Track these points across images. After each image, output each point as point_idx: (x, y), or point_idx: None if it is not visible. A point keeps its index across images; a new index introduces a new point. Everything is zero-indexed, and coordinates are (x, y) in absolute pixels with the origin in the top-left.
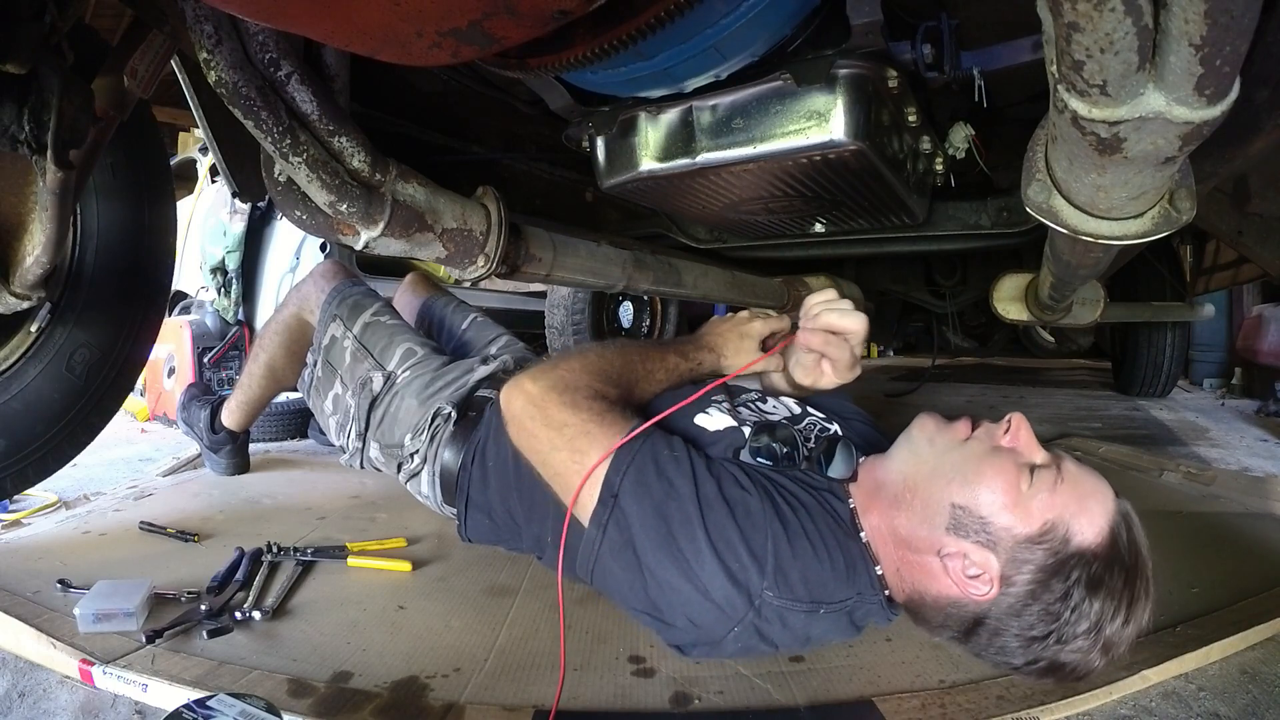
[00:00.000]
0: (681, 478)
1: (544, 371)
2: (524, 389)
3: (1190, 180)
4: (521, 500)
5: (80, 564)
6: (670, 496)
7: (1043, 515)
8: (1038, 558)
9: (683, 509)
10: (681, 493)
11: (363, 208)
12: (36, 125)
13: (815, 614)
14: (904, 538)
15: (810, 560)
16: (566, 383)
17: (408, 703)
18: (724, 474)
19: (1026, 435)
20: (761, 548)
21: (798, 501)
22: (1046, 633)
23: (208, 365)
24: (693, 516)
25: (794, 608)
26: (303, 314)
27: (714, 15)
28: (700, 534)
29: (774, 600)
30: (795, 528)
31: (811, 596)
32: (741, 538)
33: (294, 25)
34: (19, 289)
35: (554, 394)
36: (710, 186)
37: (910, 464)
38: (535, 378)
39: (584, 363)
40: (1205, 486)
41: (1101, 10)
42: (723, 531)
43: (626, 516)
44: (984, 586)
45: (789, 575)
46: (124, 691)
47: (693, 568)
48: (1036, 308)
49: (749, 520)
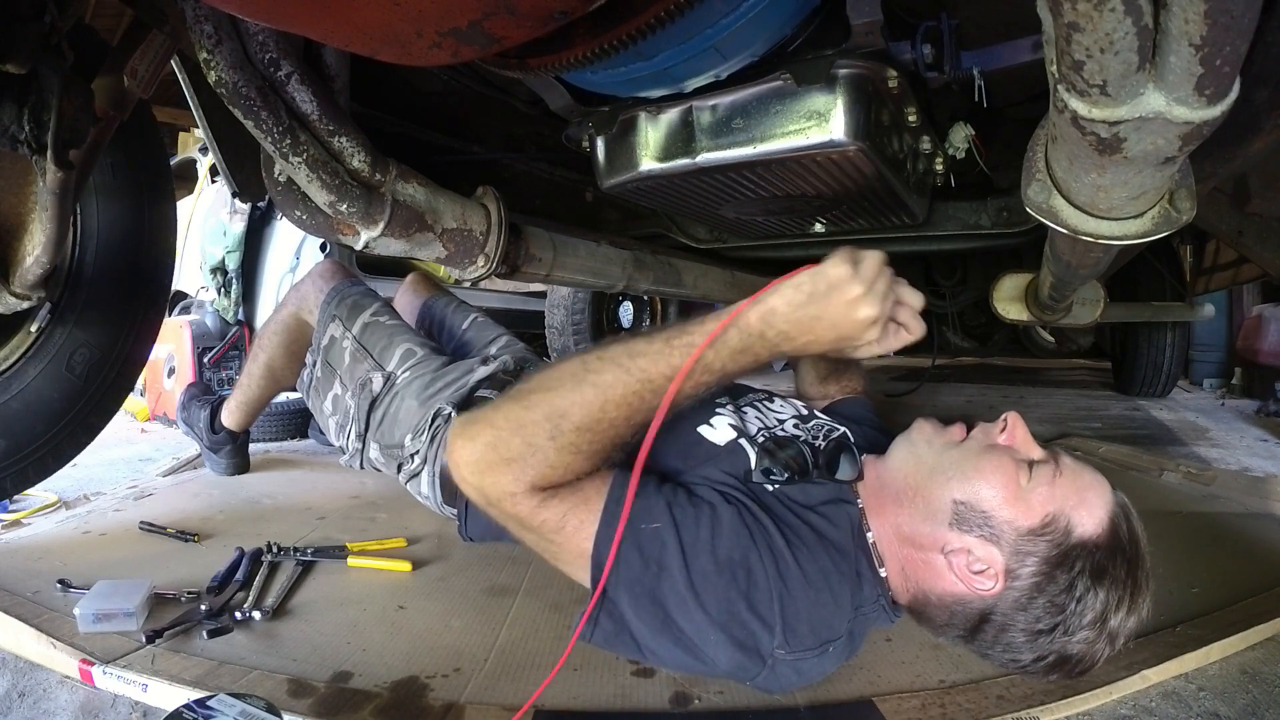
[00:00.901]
0: (670, 555)
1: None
2: (467, 479)
3: (1190, 180)
4: None
5: (80, 564)
6: (662, 579)
7: (1044, 508)
8: (1041, 550)
9: (677, 591)
10: (673, 574)
11: (363, 208)
12: (36, 125)
13: (825, 653)
14: (908, 536)
15: (815, 606)
16: (519, 469)
17: (408, 703)
18: (718, 525)
19: (1023, 433)
20: (768, 610)
21: (798, 538)
22: (1053, 625)
23: (208, 365)
24: (688, 599)
25: (806, 656)
26: (301, 314)
27: (714, 15)
28: (700, 614)
29: (786, 656)
30: (796, 578)
31: (819, 640)
32: (747, 605)
33: (294, 25)
34: (19, 289)
35: (507, 488)
36: (710, 186)
37: (910, 463)
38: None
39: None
40: (1205, 486)
41: (1101, 10)
42: (725, 605)
43: (619, 607)
44: (989, 581)
45: (798, 629)
46: (124, 691)
47: (698, 646)
48: (1036, 308)
49: (751, 584)
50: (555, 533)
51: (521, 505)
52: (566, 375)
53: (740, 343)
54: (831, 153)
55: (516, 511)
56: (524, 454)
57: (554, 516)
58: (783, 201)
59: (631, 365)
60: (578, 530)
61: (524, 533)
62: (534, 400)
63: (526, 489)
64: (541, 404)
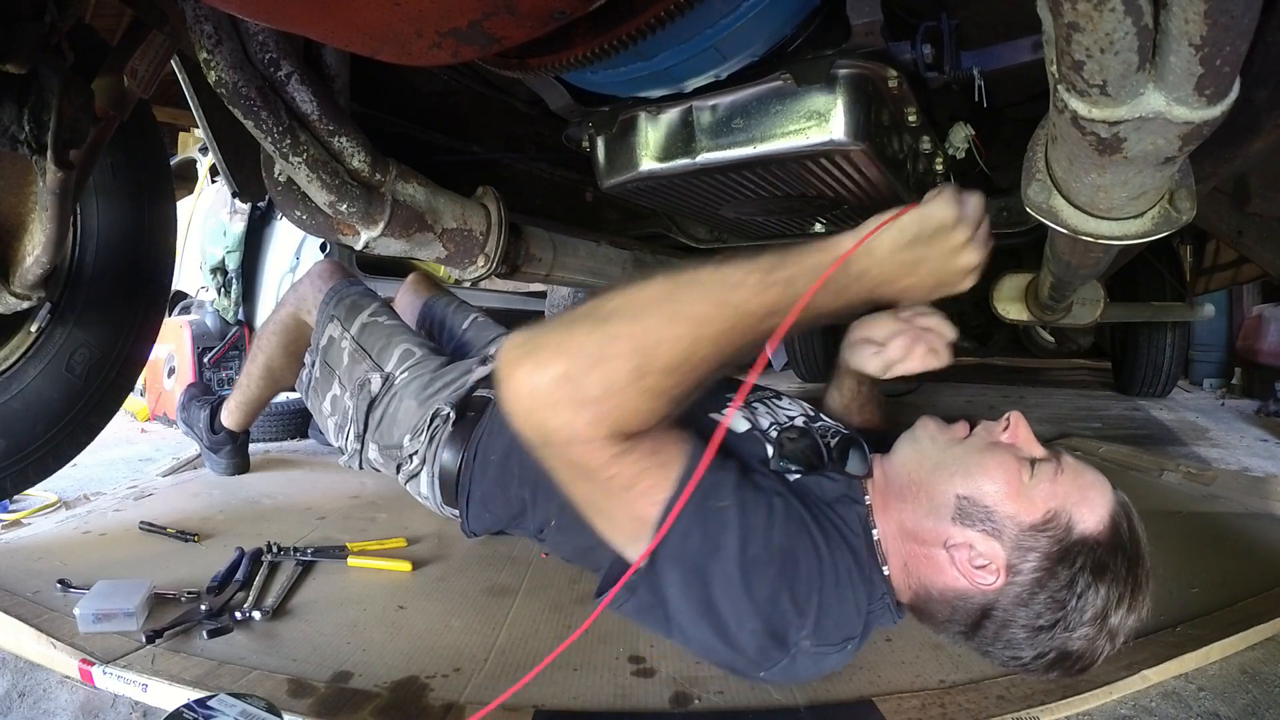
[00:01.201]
0: (729, 537)
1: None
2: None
3: (1190, 180)
4: (524, 486)
5: (80, 564)
6: (715, 559)
7: (1045, 504)
8: (1043, 545)
9: (726, 573)
10: (728, 556)
11: (363, 208)
12: (36, 125)
13: (844, 650)
14: (911, 531)
15: (842, 603)
16: (597, 412)
17: (408, 703)
18: (773, 513)
19: (1025, 432)
20: (806, 602)
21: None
22: (1054, 621)
23: (208, 365)
24: (736, 582)
25: (829, 651)
26: (300, 314)
27: (714, 15)
28: (744, 600)
29: (811, 649)
30: (830, 573)
31: (842, 636)
32: (790, 596)
33: (294, 25)
34: (19, 289)
35: (581, 432)
36: (710, 186)
37: (914, 459)
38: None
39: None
40: (1205, 486)
41: (1101, 10)
42: (770, 593)
43: (663, 580)
44: (990, 576)
45: (825, 624)
46: (124, 691)
47: (730, 630)
48: (1036, 308)
49: (796, 575)
50: (623, 490)
51: (595, 454)
52: (654, 302)
53: (839, 282)
54: (831, 153)
55: (586, 459)
56: (603, 395)
57: (628, 473)
58: (782, 201)
59: (730, 298)
60: (646, 494)
61: (580, 482)
62: (618, 330)
63: (605, 436)
64: (627, 335)
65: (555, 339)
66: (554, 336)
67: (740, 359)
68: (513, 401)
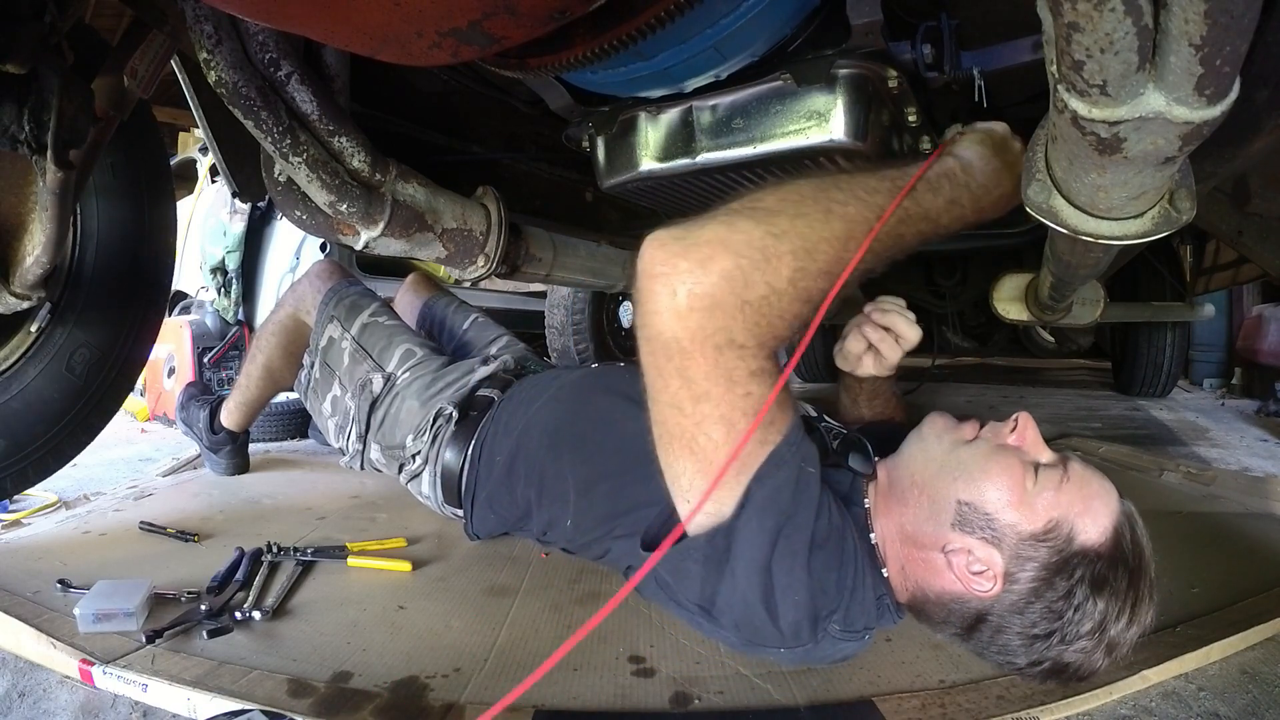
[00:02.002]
0: (806, 507)
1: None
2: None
3: (1190, 180)
4: (530, 485)
5: (80, 564)
6: (789, 524)
7: (1047, 513)
8: (1041, 555)
9: (792, 543)
10: (801, 524)
11: (363, 208)
12: (36, 125)
13: (863, 639)
14: (910, 534)
15: (865, 590)
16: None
17: (408, 703)
18: (825, 493)
19: (1033, 434)
20: (845, 584)
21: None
22: (1049, 631)
23: (208, 365)
24: (800, 552)
25: (851, 638)
26: (299, 315)
27: (714, 15)
28: (801, 571)
29: (839, 634)
30: (863, 560)
31: (864, 624)
32: (838, 576)
33: (294, 25)
34: (19, 289)
35: (737, 337)
36: (710, 186)
37: (919, 460)
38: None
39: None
40: (1205, 486)
41: (1101, 10)
42: (825, 569)
43: (735, 535)
44: (987, 583)
45: (853, 610)
46: (124, 691)
47: (776, 598)
48: (1036, 308)
49: (844, 557)
50: (746, 416)
51: (744, 364)
52: (809, 200)
53: (952, 192)
54: (832, 153)
55: (734, 369)
56: (765, 297)
57: (759, 396)
58: None
59: (871, 201)
60: (761, 429)
61: (706, 403)
62: (781, 226)
63: (757, 344)
64: (791, 234)
65: (715, 233)
66: (713, 230)
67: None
68: (665, 299)
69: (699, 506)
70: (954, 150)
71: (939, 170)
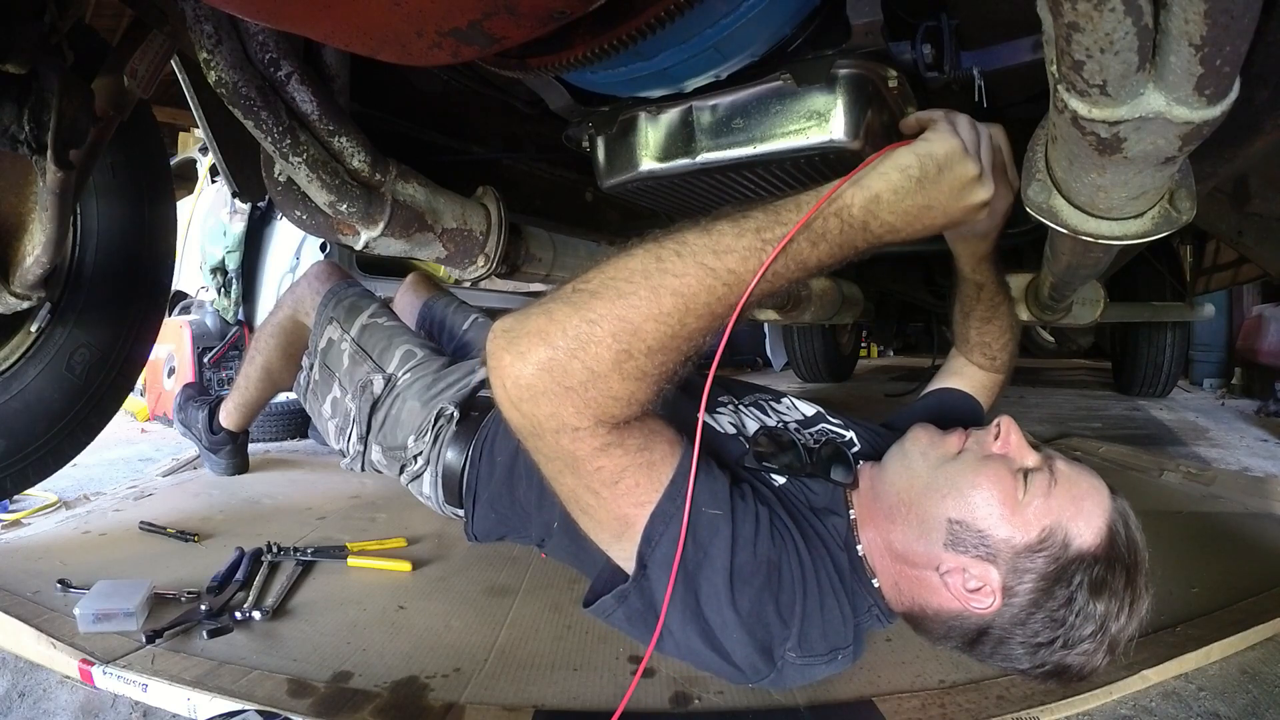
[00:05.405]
0: (719, 546)
1: (546, 372)
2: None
3: (1190, 180)
4: (531, 489)
5: (80, 564)
6: (703, 567)
7: (1040, 522)
8: (1039, 566)
9: (713, 583)
10: (716, 565)
11: (363, 208)
12: (36, 125)
13: (834, 660)
14: (901, 553)
15: (827, 612)
16: (581, 401)
17: (408, 703)
18: (760, 522)
19: (1017, 439)
20: (790, 613)
21: (811, 543)
22: (1052, 638)
23: (207, 365)
24: (722, 592)
25: (814, 662)
26: (298, 316)
27: (714, 15)
28: (729, 611)
29: (796, 660)
30: (813, 582)
31: (830, 646)
32: (775, 607)
33: (294, 25)
34: (19, 289)
35: (569, 421)
36: (710, 186)
37: (904, 477)
38: (530, 388)
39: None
40: (1205, 486)
41: (1101, 10)
42: (756, 604)
43: (653, 586)
44: (986, 600)
45: (810, 634)
46: (124, 691)
47: (718, 638)
48: (1036, 308)
49: (780, 586)
50: (607, 486)
51: (583, 443)
52: (638, 276)
53: (841, 236)
54: (832, 153)
55: (575, 449)
56: (586, 382)
57: (613, 468)
58: None
59: (719, 266)
60: (630, 493)
61: (567, 475)
62: (599, 311)
63: (592, 424)
64: (609, 317)
65: (536, 325)
66: (535, 322)
67: (738, 324)
68: (498, 391)
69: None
70: (864, 180)
71: (832, 211)
